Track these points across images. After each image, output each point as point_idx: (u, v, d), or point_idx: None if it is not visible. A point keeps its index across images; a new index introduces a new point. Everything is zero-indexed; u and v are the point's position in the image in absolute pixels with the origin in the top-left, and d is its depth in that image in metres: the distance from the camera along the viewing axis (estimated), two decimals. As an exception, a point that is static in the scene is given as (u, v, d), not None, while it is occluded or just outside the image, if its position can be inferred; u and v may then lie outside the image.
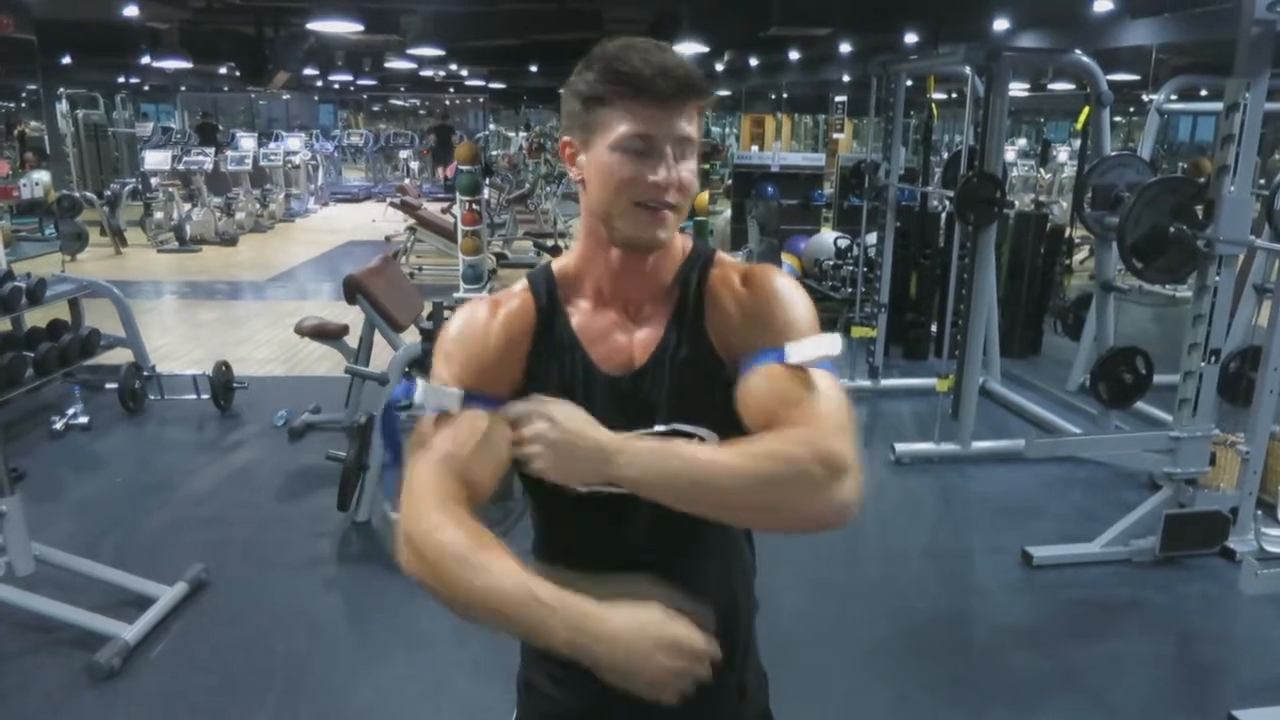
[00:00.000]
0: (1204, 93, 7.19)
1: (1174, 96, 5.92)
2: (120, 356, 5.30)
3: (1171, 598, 3.38)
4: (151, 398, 5.19)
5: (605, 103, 1.02)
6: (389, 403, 3.39)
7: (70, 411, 4.80)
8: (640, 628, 0.89)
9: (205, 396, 5.08)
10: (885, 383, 5.72)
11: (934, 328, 6.36)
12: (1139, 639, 3.15)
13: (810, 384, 1.00)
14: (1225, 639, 3.22)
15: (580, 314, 1.12)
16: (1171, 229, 3.39)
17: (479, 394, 1.04)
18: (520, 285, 1.14)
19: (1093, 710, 2.73)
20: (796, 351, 1.01)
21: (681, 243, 1.15)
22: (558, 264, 1.16)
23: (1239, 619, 3.29)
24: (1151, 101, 6.03)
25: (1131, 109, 13.34)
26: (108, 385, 5.10)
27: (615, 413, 1.05)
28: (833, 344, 1.01)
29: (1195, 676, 3.01)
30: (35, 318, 5.20)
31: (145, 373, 5.21)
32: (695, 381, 1.08)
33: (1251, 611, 3.27)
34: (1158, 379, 4.19)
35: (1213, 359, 3.42)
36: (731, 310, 1.08)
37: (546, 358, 1.10)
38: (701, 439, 1.05)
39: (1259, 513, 3.61)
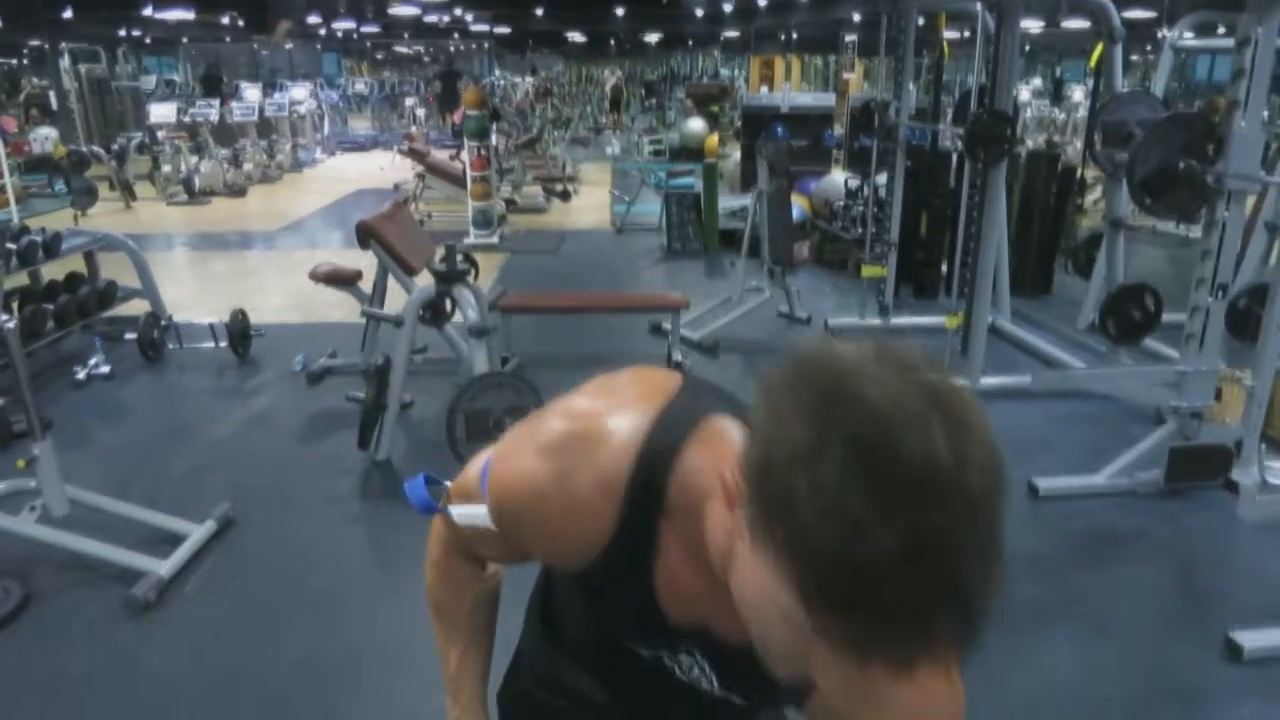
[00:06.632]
0: (1221, 30, 7.06)
1: (1189, 33, 5.83)
2: (137, 308, 5.37)
3: (1174, 527, 3.45)
4: (170, 346, 5.27)
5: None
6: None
7: (92, 361, 4.88)
8: None
9: (223, 344, 5.16)
10: (895, 321, 5.75)
11: (944, 267, 6.37)
12: (1140, 566, 3.23)
13: None
14: (1225, 565, 3.30)
15: (671, 561, 0.75)
16: (1181, 165, 3.38)
17: None
18: (603, 477, 0.73)
19: (1093, 632, 2.82)
20: None
21: None
22: (685, 464, 0.71)
23: (1239, 547, 3.37)
24: (1166, 38, 5.95)
25: (1149, 47, 13.11)
26: (127, 335, 5.17)
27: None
28: None
29: (1194, 600, 3.09)
30: (52, 271, 5.27)
31: (163, 322, 5.29)
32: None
33: (1252, 540, 3.34)
34: (1168, 318, 4.21)
35: (1220, 294, 3.44)
36: None
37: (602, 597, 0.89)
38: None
39: (1263, 446, 3.66)
